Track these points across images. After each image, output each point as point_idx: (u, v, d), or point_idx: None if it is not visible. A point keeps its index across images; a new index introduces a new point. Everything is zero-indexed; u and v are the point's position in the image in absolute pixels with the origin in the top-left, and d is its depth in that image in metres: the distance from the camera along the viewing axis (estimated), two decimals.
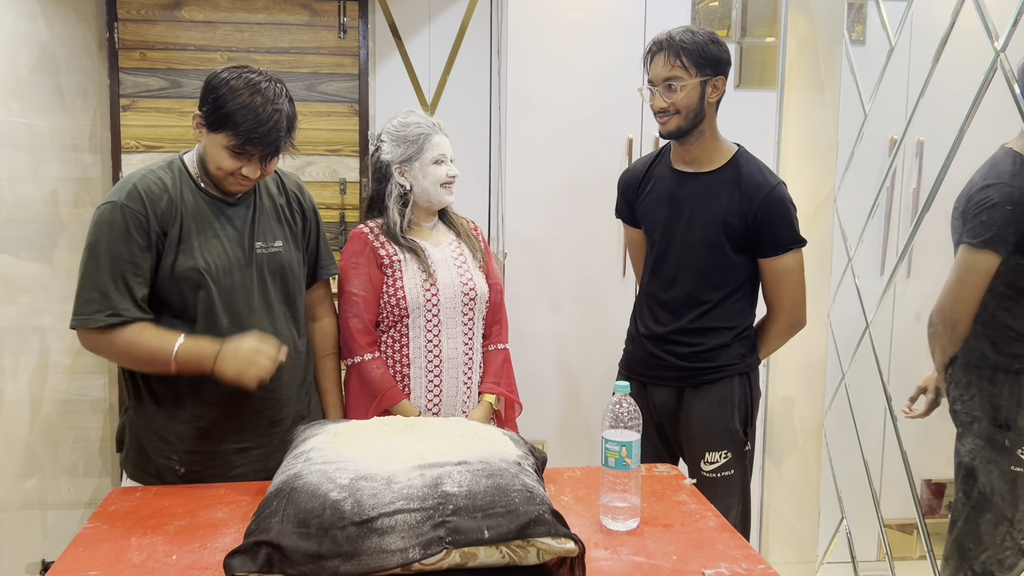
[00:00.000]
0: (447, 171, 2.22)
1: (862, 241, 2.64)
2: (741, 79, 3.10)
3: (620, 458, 1.60)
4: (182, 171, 1.89)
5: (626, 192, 2.35)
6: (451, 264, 2.25)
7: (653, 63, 2.12)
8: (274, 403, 1.97)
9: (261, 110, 1.78)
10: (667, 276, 2.22)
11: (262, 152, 1.82)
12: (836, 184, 2.76)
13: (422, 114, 2.28)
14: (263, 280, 1.93)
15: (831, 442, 2.81)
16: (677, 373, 2.20)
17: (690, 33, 2.09)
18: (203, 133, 1.84)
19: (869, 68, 2.62)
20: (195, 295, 1.85)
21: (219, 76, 1.81)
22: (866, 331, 2.60)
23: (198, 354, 1.80)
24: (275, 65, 3.37)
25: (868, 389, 2.58)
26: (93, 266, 1.79)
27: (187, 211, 1.85)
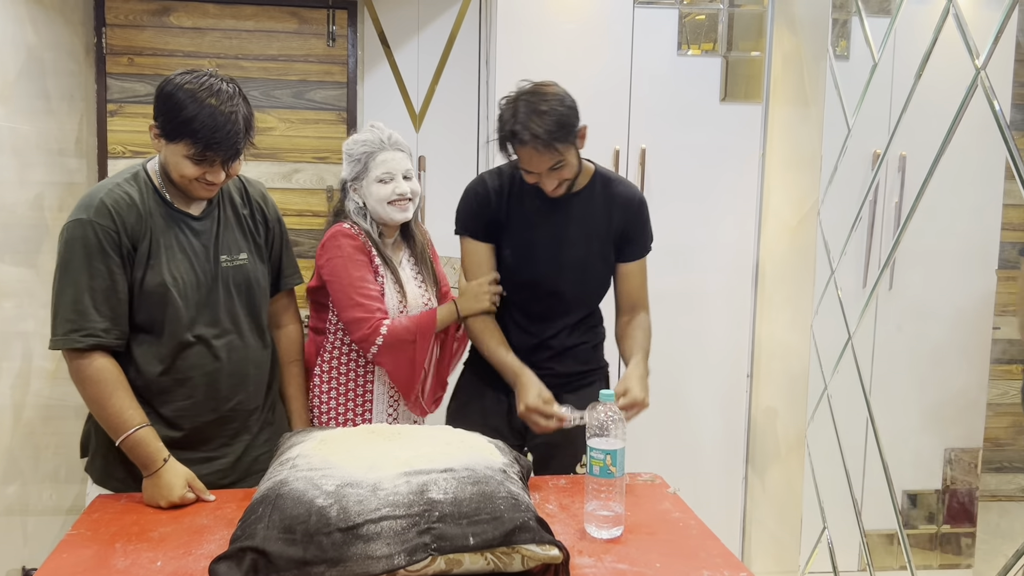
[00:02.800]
0: (394, 189, 2.19)
1: (845, 253, 2.67)
2: (727, 92, 3.13)
3: (605, 466, 1.61)
4: (147, 183, 1.85)
5: (483, 209, 2.18)
6: (413, 282, 2.28)
7: (525, 157, 2.01)
8: (240, 414, 1.96)
9: (218, 115, 1.74)
10: (546, 296, 2.18)
11: (223, 156, 1.78)
12: (820, 197, 2.79)
13: (375, 130, 2.26)
14: (229, 294, 1.91)
15: (813, 452, 2.83)
16: (554, 381, 2.16)
17: (546, 116, 1.97)
18: (162, 144, 1.80)
19: (853, 83, 2.66)
20: (162, 311, 1.82)
21: (171, 83, 1.77)
22: (848, 343, 2.63)
23: (146, 453, 1.76)
24: (263, 72, 3.37)
25: (850, 400, 2.60)
26: (69, 286, 1.75)
27: (155, 226, 1.82)
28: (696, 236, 3.18)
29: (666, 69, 3.11)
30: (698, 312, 3.21)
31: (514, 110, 2.01)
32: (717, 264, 3.21)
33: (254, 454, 1.99)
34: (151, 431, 1.78)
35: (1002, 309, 2.25)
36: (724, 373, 3.26)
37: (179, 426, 1.87)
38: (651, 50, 3.09)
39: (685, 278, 3.20)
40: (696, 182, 3.17)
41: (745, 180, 3.19)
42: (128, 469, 1.84)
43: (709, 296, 3.22)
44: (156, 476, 1.75)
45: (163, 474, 1.76)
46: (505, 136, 2.03)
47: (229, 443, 1.95)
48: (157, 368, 1.83)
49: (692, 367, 3.22)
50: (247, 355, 1.95)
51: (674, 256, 3.18)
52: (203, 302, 1.87)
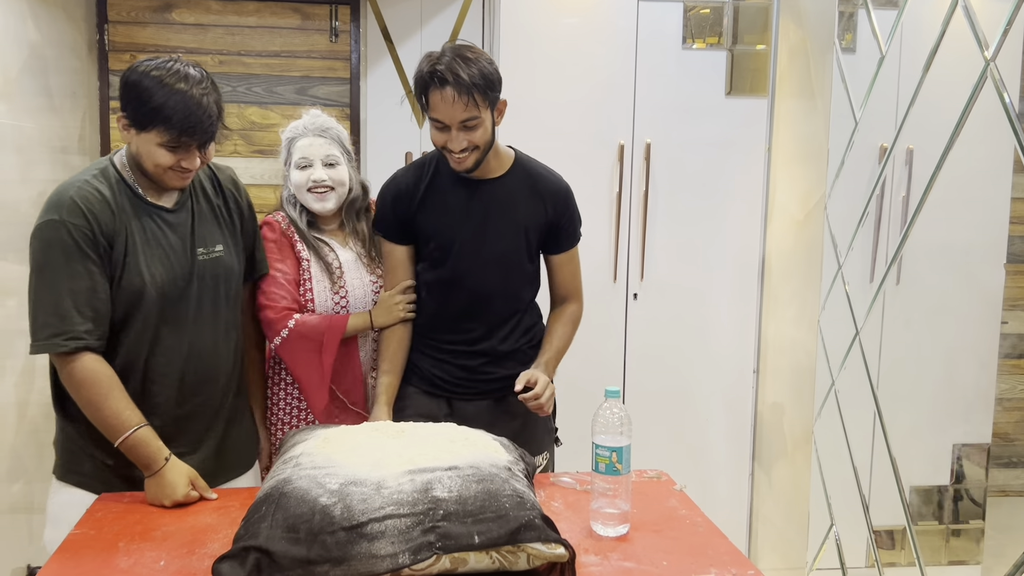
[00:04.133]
0: (309, 176, 2.17)
1: (852, 248, 2.65)
2: (732, 86, 3.12)
3: (611, 463, 1.60)
4: (118, 179, 1.79)
5: (398, 208, 2.12)
6: (359, 264, 2.24)
7: (441, 102, 1.92)
8: (209, 408, 1.93)
9: (190, 99, 1.69)
10: (470, 291, 2.12)
11: (198, 141, 1.74)
12: (826, 191, 2.78)
13: (309, 116, 2.25)
14: (205, 287, 1.88)
15: (821, 448, 2.82)
16: (493, 386, 2.15)
17: (471, 63, 1.92)
18: (132, 134, 1.75)
19: (860, 76, 2.64)
20: (139, 308, 1.78)
21: (136, 71, 1.72)
22: (856, 338, 2.61)
23: (147, 454, 1.74)
24: (266, 68, 3.37)
25: (858, 396, 2.59)
26: (47, 289, 1.70)
27: (129, 222, 1.77)
28: (701, 231, 3.17)
29: (671, 63, 3.09)
30: (704, 307, 3.20)
31: (435, 57, 1.94)
32: (723, 259, 3.20)
33: (228, 445, 1.98)
34: (150, 430, 1.75)
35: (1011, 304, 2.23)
36: (730, 369, 3.25)
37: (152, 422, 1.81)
38: (656, 44, 3.07)
39: (690, 273, 3.18)
40: (702, 176, 3.15)
41: (751, 174, 3.18)
42: (95, 464, 1.82)
43: (715, 291, 3.21)
44: (159, 475, 1.74)
45: (166, 473, 1.74)
46: (424, 78, 1.93)
47: (203, 437, 1.93)
48: (131, 364, 1.80)
49: (698, 363, 3.21)
50: (220, 348, 1.93)
51: (679, 251, 3.17)
52: (181, 297, 1.83)
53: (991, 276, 2.25)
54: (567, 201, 2.16)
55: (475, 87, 1.91)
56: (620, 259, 3.13)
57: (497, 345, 2.15)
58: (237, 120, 3.37)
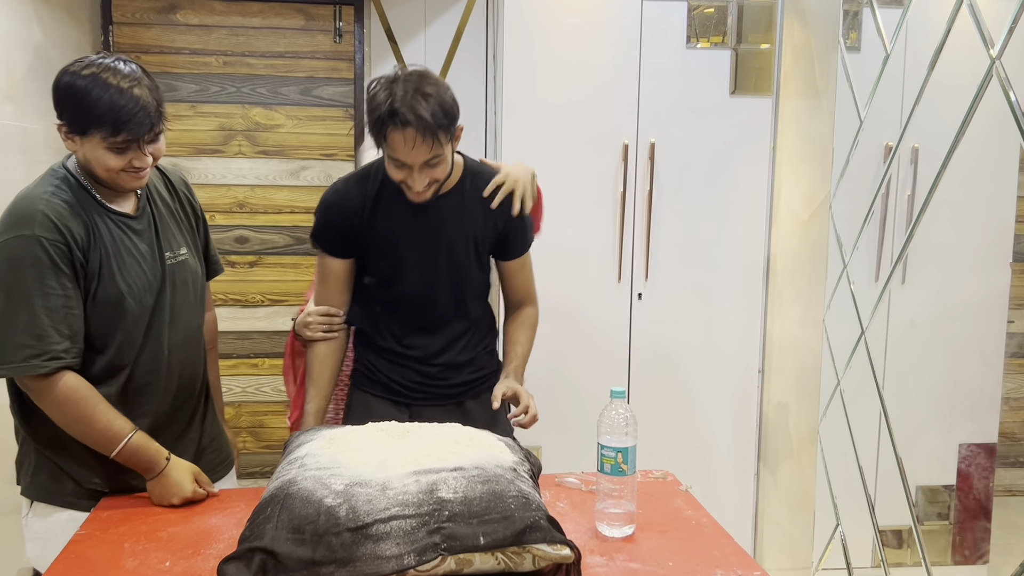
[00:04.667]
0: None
1: (857, 247, 2.65)
2: (737, 85, 3.11)
3: (616, 464, 1.59)
4: (77, 187, 1.71)
5: (343, 223, 2.03)
6: None
7: (402, 144, 1.81)
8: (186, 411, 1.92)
9: (122, 95, 1.61)
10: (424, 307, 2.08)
11: (139, 136, 1.65)
12: (831, 190, 2.77)
13: None
14: (176, 291, 1.84)
15: (826, 448, 2.81)
16: (452, 391, 2.14)
17: (431, 98, 1.80)
18: (76, 141, 1.66)
19: (864, 75, 2.63)
20: (116, 321, 1.73)
21: (67, 74, 1.64)
22: (861, 337, 2.61)
23: (148, 458, 1.72)
24: (270, 69, 3.37)
25: (863, 395, 2.58)
26: (21, 308, 1.61)
27: (101, 234, 1.70)
28: (706, 230, 3.16)
29: (675, 62, 3.09)
30: (708, 307, 3.19)
31: (392, 90, 1.80)
32: (727, 259, 3.19)
33: (206, 446, 1.97)
34: (143, 435, 1.72)
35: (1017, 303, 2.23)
36: (735, 369, 3.24)
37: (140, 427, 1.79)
38: (660, 43, 3.07)
39: (695, 273, 3.18)
40: (706, 176, 3.15)
41: (756, 173, 3.17)
42: (76, 481, 1.78)
43: (720, 291, 3.20)
44: (163, 476, 1.73)
45: (170, 473, 1.73)
46: (382, 116, 1.80)
47: (185, 441, 1.91)
48: (115, 375, 1.76)
49: (703, 363, 3.21)
50: (193, 351, 1.92)
51: (684, 251, 3.16)
52: (155, 305, 1.79)
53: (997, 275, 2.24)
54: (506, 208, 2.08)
55: (439, 127, 1.80)
56: (624, 259, 3.12)
57: (455, 356, 2.12)
58: (242, 121, 3.37)
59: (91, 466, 1.77)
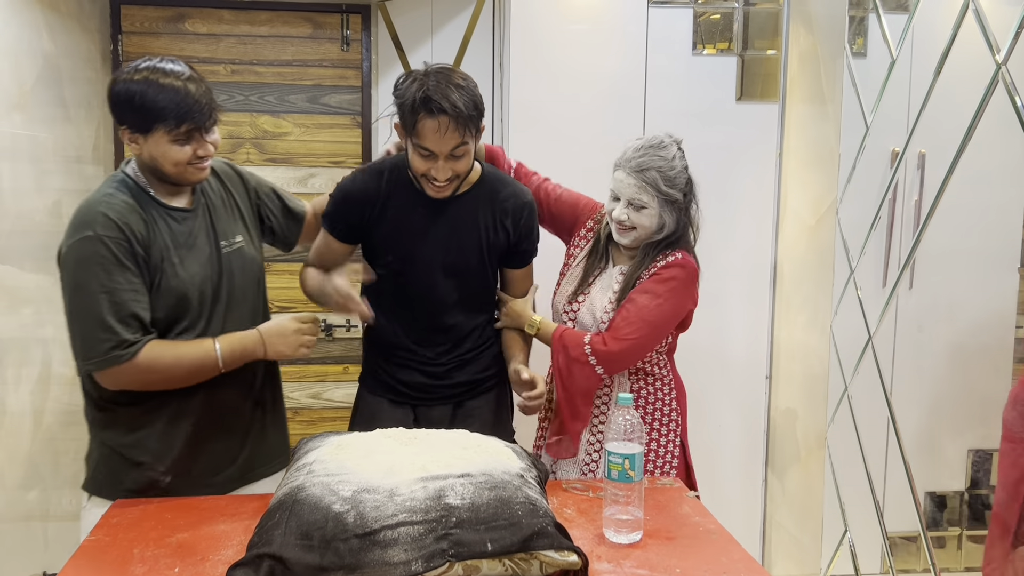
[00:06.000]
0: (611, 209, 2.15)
1: (864, 253, 2.64)
2: (743, 92, 3.11)
3: (623, 470, 1.60)
4: (135, 188, 1.82)
5: (355, 212, 2.07)
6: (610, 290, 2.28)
7: (434, 132, 1.85)
8: (252, 397, 1.98)
9: (178, 90, 1.72)
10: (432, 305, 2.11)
11: (201, 124, 1.76)
12: (838, 196, 2.77)
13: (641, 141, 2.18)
14: (233, 279, 1.92)
15: (834, 454, 2.81)
16: (455, 391, 2.16)
17: (463, 90, 1.87)
18: (140, 142, 1.77)
19: (870, 81, 2.63)
20: (181, 310, 1.82)
21: (119, 82, 1.74)
22: (868, 343, 2.60)
23: (242, 346, 1.84)
24: (278, 77, 3.38)
25: (871, 401, 2.58)
26: (92, 306, 1.72)
27: (160, 230, 1.81)
28: (713, 236, 3.15)
29: (681, 69, 3.09)
30: (716, 313, 3.19)
31: (425, 82, 1.86)
32: (735, 265, 3.19)
33: (267, 434, 2.02)
34: (224, 338, 1.83)
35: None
36: (743, 375, 3.24)
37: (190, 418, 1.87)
38: (666, 50, 3.08)
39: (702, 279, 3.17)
40: (713, 182, 3.14)
41: (762, 179, 3.17)
42: (141, 471, 1.84)
43: (727, 297, 3.20)
44: (269, 348, 1.86)
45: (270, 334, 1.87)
46: (416, 104, 1.85)
47: (247, 427, 1.98)
48: None
49: (710, 369, 3.20)
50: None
51: None
52: (215, 292, 1.88)
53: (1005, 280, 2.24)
54: (530, 219, 2.13)
55: (469, 118, 1.87)
56: None
57: (461, 355, 2.16)
58: (250, 129, 3.38)
59: (160, 455, 1.85)
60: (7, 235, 2.50)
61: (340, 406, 3.50)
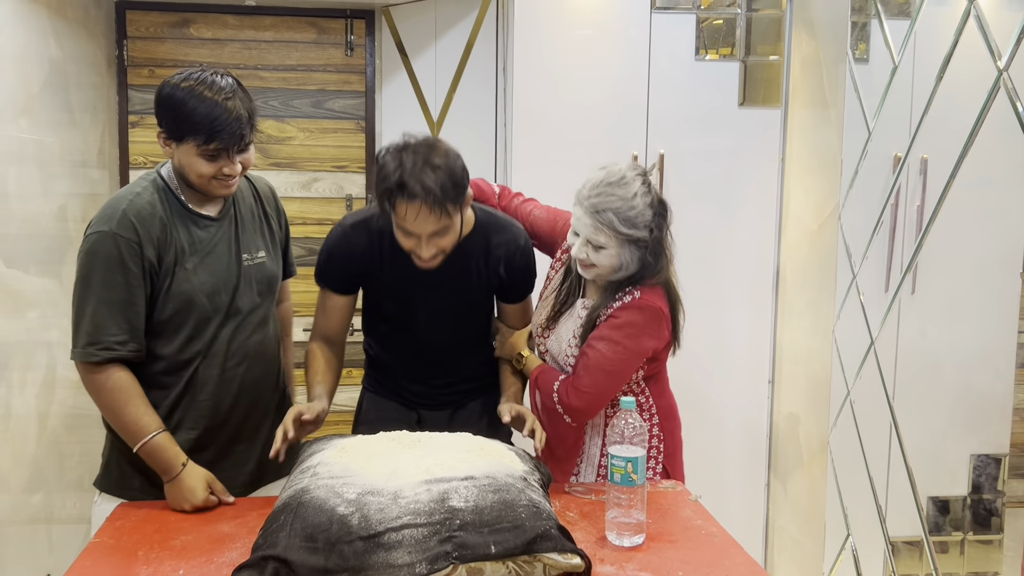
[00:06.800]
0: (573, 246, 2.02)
1: (866, 258, 2.65)
2: (746, 97, 3.12)
3: (626, 474, 1.60)
4: (166, 190, 1.85)
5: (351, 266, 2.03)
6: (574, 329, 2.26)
7: (411, 216, 1.79)
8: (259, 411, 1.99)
9: (217, 106, 1.75)
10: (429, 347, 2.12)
11: (230, 145, 1.77)
12: (840, 201, 2.77)
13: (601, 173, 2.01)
14: (251, 292, 1.94)
15: (836, 459, 2.81)
16: (454, 397, 2.18)
17: (439, 169, 1.78)
18: (172, 148, 1.81)
19: (873, 86, 2.64)
20: (187, 314, 1.84)
21: (168, 85, 1.78)
22: (871, 348, 2.61)
23: (165, 459, 1.77)
24: (282, 82, 3.40)
25: (873, 406, 2.58)
26: (88, 299, 1.75)
27: (179, 233, 1.83)
28: (716, 241, 3.17)
29: (684, 74, 3.10)
30: (719, 318, 3.19)
31: (400, 160, 1.79)
32: (737, 270, 3.19)
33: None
34: (168, 436, 1.79)
35: None
36: (745, 379, 3.24)
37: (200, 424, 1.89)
38: (669, 55, 3.08)
39: (705, 284, 3.18)
40: (715, 187, 3.16)
41: (765, 184, 3.18)
42: (147, 477, 1.86)
43: (729, 302, 3.20)
44: (177, 481, 1.77)
45: (184, 478, 1.78)
46: (391, 187, 1.78)
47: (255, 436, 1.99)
48: (183, 368, 1.86)
49: (713, 373, 3.20)
50: (267, 349, 2.00)
51: (693, 262, 3.16)
52: (229, 301, 1.89)
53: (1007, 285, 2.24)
54: (523, 260, 2.08)
55: (447, 199, 1.78)
56: None
57: (459, 375, 2.19)
58: None
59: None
60: (13, 239, 2.51)
61: (344, 409, 3.51)
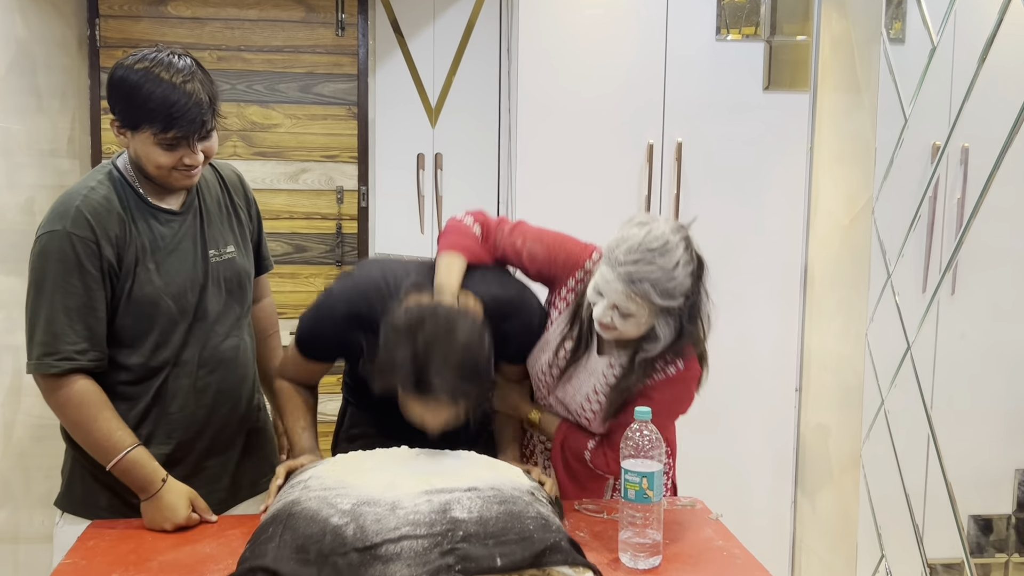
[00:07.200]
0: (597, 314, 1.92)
1: (902, 255, 2.65)
2: (771, 80, 3.13)
3: (641, 490, 1.61)
4: (123, 183, 1.82)
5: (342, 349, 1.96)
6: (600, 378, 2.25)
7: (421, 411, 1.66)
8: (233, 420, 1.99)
9: (174, 91, 1.71)
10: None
11: (189, 133, 1.74)
12: (874, 193, 2.78)
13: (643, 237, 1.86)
14: (220, 291, 1.92)
15: (869, 473, 2.81)
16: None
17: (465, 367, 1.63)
18: (127, 137, 1.78)
19: (909, 68, 2.65)
20: (152, 319, 1.82)
21: (121, 67, 1.75)
22: (907, 353, 2.61)
23: (142, 476, 1.76)
24: (268, 65, 3.41)
25: (910, 415, 2.58)
26: (42, 305, 1.73)
27: (139, 229, 1.81)
28: (738, 237, 3.18)
29: (704, 56, 3.11)
30: (741, 320, 3.20)
31: (415, 348, 1.61)
32: (762, 267, 3.20)
33: (251, 455, 2.03)
34: (144, 451, 1.78)
35: None
36: (771, 387, 3.25)
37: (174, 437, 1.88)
38: (687, 35, 3.10)
39: (726, 283, 3.17)
40: (738, 178, 3.17)
41: (792, 175, 3.19)
42: (115, 493, 1.85)
43: (753, 302, 3.21)
44: (157, 498, 1.77)
45: (164, 495, 1.78)
46: (404, 381, 1.63)
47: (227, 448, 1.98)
48: (150, 379, 1.84)
49: (735, 381, 3.21)
50: (241, 354, 1.99)
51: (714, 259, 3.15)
52: (197, 304, 1.88)
53: None
54: (534, 339, 1.99)
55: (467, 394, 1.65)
56: None
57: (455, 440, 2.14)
58: (237, 120, 3.42)
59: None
60: None
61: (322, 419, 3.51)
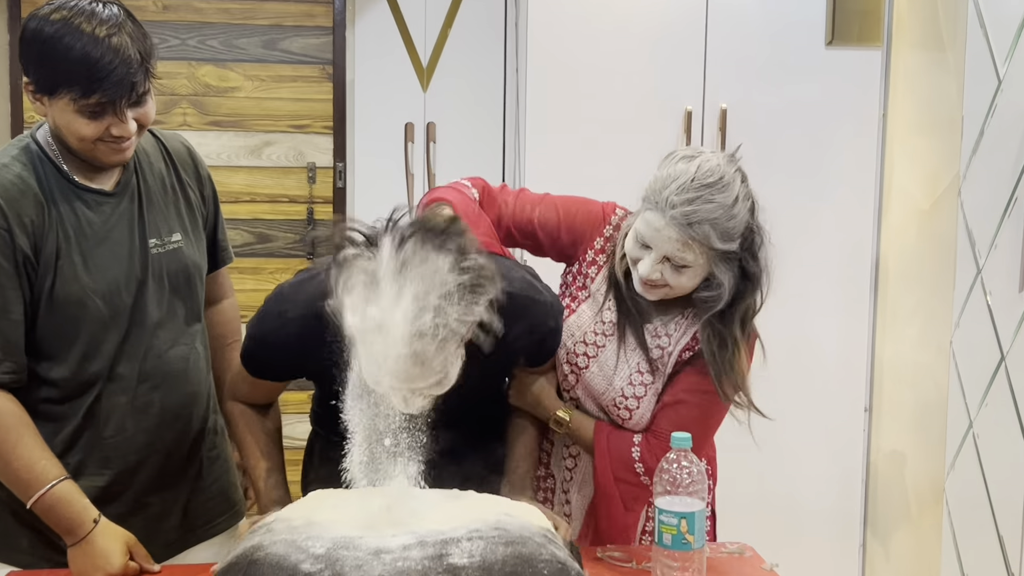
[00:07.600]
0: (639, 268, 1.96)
1: (995, 247, 2.65)
2: (835, 34, 3.13)
3: (679, 534, 1.60)
4: (42, 159, 1.80)
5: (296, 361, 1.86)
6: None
7: None
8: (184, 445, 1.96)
9: (96, 46, 1.66)
10: None
11: (117, 97, 1.70)
12: (961, 171, 2.78)
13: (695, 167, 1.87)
14: (162, 289, 1.90)
15: (954, 510, 2.81)
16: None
17: None
18: (44, 103, 1.74)
19: (1004, 20, 2.64)
20: (78, 325, 1.79)
21: (35, 18, 1.70)
22: (1001, 364, 2.61)
23: (67, 517, 1.74)
24: (224, 16, 3.41)
25: (1004, 440, 2.58)
26: None
27: (61, 214, 1.78)
28: (795, 223, 3.17)
29: (753, 7, 3.11)
30: (799, 325, 3.20)
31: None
32: (824, 260, 3.20)
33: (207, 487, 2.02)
34: (73, 485, 1.75)
35: None
36: (834, 407, 3.25)
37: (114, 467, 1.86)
38: None
39: (782, 281, 3.17)
40: (795, 152, 3.16)
41: (860, 149, 3.18)
42: (39, 534, 1.82)
43: (814, 303, 3.21)
44: (87, 542, 1.74)
45: (96, 539, 1.75)
46: None
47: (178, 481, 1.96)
48: (79, 396, 1.82)
49: (792, 398, 3.20)
50: (192, 368, 1.96)
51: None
52: (133, 304, 1.85)
53: None
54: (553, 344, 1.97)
55: None
56: None
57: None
58: (187, 83, 3.41)
59: None
60: None
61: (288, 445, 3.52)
